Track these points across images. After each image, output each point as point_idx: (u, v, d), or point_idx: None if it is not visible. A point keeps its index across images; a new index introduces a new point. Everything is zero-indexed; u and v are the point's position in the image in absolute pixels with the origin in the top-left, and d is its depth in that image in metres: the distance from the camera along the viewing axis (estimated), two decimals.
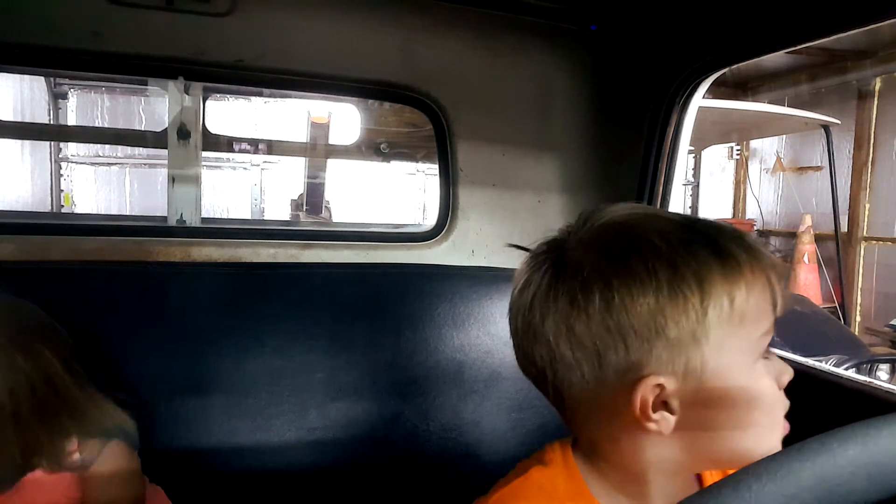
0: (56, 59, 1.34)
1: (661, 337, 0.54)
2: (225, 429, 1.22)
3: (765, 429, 0.59)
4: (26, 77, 5.37)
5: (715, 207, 7.52)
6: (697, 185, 7.33)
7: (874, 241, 6.07)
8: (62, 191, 5.91)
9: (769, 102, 5.80)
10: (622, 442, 0.60)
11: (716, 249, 0.56)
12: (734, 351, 0.56)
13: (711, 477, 0.68)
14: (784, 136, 6.69)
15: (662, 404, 0.56)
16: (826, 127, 4.57)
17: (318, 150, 4.26)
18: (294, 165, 5.80)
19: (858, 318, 6.12)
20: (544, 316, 0.58)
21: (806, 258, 6.07)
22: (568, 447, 0.65)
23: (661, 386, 0.55)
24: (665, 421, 0.57)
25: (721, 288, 0.55)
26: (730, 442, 0.58)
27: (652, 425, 0.56)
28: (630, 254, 0.56)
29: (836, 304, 5.35)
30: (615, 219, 0.60)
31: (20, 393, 0.84)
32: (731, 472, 0.66)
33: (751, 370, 0.57)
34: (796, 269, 6.11)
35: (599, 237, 0.59)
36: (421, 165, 6.10)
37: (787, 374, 0.61)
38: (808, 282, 6.01)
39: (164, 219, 2.27)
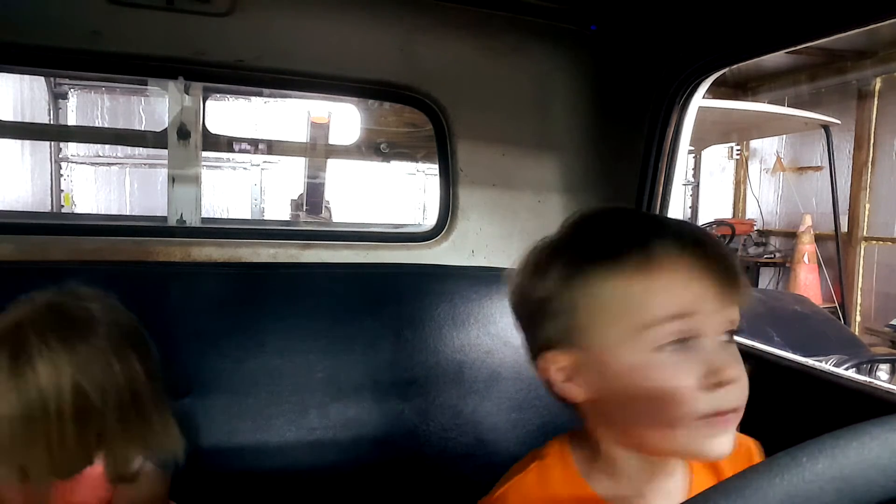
0: (56, 59, 1.35)
1: (553, 316, 0.62)
2: (225, 429, 1.22)
3: (669, 418, 0.60)
4: (26, 77, 5.36)
5: (715, 207, 7.52)
6: (697, 185, 7.33)
7: (874, 241, 6.07)
8: (62, 191, 5.91)
9: (769, 102, 5.79)
10: (577, 410, 0.67)
11: (616, 243, 0.61)
12: (620, 336, 0.60)
13: (702, 468, 0.72)
14: (784, 136, 6.69)
15: (566, 375, 0.64)
16: (826, 127, 4.57)
17: (318, 150, 4.26)
18: (294, 165, 5.80)
19: (858, 318, 6.12)
20: (509, 286, 0.70)
21: (806, 258, 6.06)
22: (565, 439, 0.72)
23: (556, 357, 0.63)
24: (574, 391, 0.64)
25: (602, 275, 0.61)
26: (637, 416, 0.62)
27: (564, 394, 0.64)
28: (555, 237, 0.66)
29: (836, 304, 5.35)
30: (578, 215, 0.69)
31: (109, 397, 0.87)
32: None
33: (643, 356, 0.60)
34: (796, 269, 6.11)
35: (560, 227, 0.69)
36: (421, 165, 6.09)
37: (717, 376, 0.60)
38: (808, 282, 6.01)
39: (164, 219, 2.27)
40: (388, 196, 6.25)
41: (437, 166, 1.56)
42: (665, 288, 0.60)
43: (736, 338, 0.68)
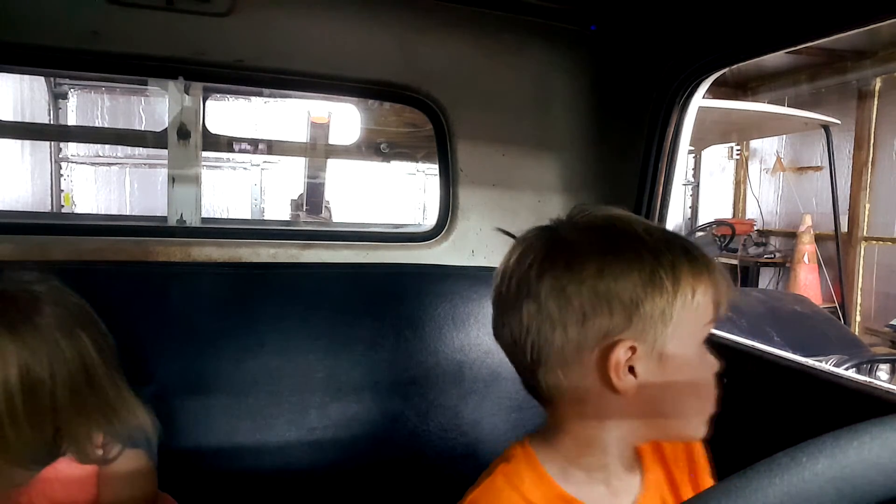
0: (56, 59, 1.35)
1: (639, 309, 0.65)
2: (225, 429, 1.22)
3: (699, 401, 0.70)
4: (26, 77, 5.36)
5: (715, 207, 7.52)
6: (697, 185, 7.33)
7: (874, 241, 6.07)
8: (62, 191, 5.91)
9: (769, 102, 5.79)
10: (586, 404, 0.69)
11: (685, 251, 0.68)
12: (687, 333, 0.67)
13: (652, 462, 0.77)
14: (784, 136, 6.69)
15: (628, 368, 0.66)
16: (826, 127, 4.56)
17: (318, 150, 4.26)
18: (294, 165, 5.80)
19: (858, 318, 6.12)
20: (540, 276, 0.67)
21: (806, 258, 6.06)
22: (526, 441, 0.76)
23: (633, 349, 0.65)
24: (629, 382, 0.66)
25: (687, 280, 0.66)
26: (673, 407, 0.69)
27: (619, 383, 0.65)
28: (621, 238, 0.67)
29: (836, 304, 5.35)
30: (606, 213, 0.72)
31: (58, 375, 0.86)
32: (667, 442, 0.76)
33: (696, 351, 0.69)
34: (796, 269, 6.11)
35: (594, 223, 0.71)
36: (421, 165, 6.10)
37: (716, 367, 0.71)
38: (808, 282, 6.01)
39: (164, 219, 2.27)
40: (388, 196, 6.25)
41: (437, 166, 1.56)
42: (716, 294, 0.69)
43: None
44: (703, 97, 1.36)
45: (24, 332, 0.85)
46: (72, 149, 5.93)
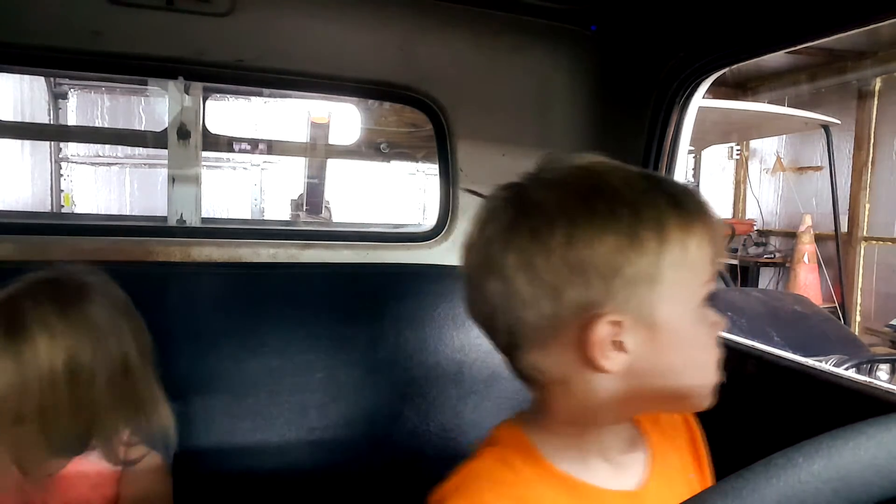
0: (56, 59, 1.35)
1: (619, 276, 0.56)
2: (225, 429, 1.23)
3: (702, 369, 0.61)
4: (26, 77, 5.37)
5: (715, 207, 7.51)
6: (697, 185, 7.33)
7: (874, 241, 6.07)
8: (62, 191, 5.91)
9: (769, 102, 5.79)
10: (572, 384, 0.60)
11: (673, 201, 0.59)
12: (682, 295, 0.59)
13: (657, 437, 0.70)
14: (784, 136, 6.69)
15: (614, 343, 0.57)
16: (826, 127, 4.57)
17: (318, 150, 4.27)
18: (294, 165, 5.80)
19: (858, 318, 6.12)
20: (504, 249, 0.59)
21: (806, 258, 6.06)
22: (510, 422, 0.68)
23: (617, 323, 0.57)
24: (617, 360, 0.58)
25: (676, 235, 0.57)
26: (672, 379, 0.60)
27: (605, 363, 0.57)
28: (594, 195, 0.58)
29: (836, 304, 5.35)
30: (579, 164, 0.62)
31: (101, 363, 0.87)
32: (664, 414, 0.69)
33: (694, 314, 0.60)
34: (796, 269, 6.11)
35: (564, 179, 0.61)
36: (421, 165, 6.10)
37: (720, 326, 0.63)
38: (808, 282, 6.01)
39: (164, 219, 2.27)
40: (388, 196, 6.25)
41: (437, 166, 1.56)
42: (712, 250, 0.60)
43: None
44: (703, 97, 1.36)
45: (74, 318, 0.86)
46: (72, 149, 5.93)
